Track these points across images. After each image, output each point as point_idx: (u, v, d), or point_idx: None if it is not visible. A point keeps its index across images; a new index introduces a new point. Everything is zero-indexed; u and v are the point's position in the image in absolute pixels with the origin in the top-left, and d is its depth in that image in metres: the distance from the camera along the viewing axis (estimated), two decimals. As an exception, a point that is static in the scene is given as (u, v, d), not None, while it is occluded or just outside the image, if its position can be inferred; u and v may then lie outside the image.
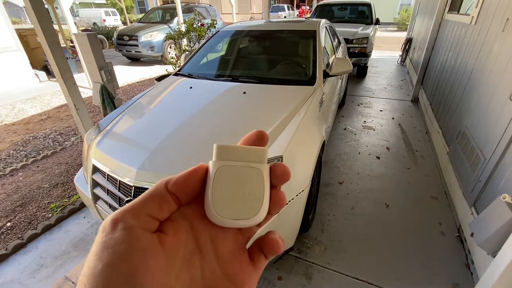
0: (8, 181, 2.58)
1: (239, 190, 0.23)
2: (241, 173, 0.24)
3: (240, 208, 0.23)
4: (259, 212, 0.23)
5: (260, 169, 0.24)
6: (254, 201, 0.23)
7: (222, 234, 0.24)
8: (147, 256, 0.19)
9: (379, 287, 1.53)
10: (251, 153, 0.24)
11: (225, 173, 0.23)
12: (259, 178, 0.24)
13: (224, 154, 0.24)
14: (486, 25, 2.14)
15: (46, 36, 1.96)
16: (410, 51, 6.52)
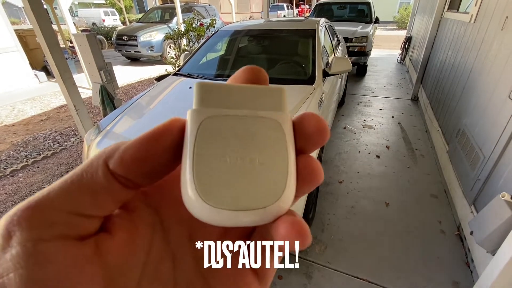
0: (9, 182, 2.58)
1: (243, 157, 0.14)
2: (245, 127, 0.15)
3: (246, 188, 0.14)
4: (283, 194, 0.14)
5: (278, 120, 0.15)
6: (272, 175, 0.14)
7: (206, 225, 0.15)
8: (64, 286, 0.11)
9: (379, 286, 1.54)
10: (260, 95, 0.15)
11: (217, 127, 0.14)
12: (278, 135, 0.15)
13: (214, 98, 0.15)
14: (485, 24, 2.14)
15: (45, 36, 1.96)
16: (409, 49, 6.52)
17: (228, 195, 0.13)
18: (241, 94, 0.15)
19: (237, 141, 0.14)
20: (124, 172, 0.13)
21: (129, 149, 0.13)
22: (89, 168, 0.13)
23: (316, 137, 0.15)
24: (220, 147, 0.14)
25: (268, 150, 0.14)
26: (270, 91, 0.16)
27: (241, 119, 0.15)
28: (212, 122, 0.14)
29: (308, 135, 0.15)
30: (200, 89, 0.15)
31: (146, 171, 0.14)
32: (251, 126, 0.15)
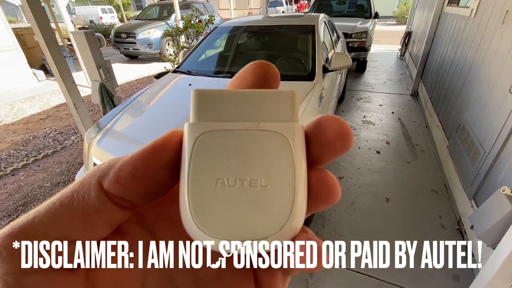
0: (10, 181, 2.58)
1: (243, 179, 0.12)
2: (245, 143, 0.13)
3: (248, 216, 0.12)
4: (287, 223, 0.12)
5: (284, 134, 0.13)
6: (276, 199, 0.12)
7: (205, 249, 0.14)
8: None
9: (379, 280, 1.55)
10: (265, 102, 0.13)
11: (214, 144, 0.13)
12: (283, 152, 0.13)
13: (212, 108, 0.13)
14: (485, 18, 2.13)
15: (44, 34, 1.95)
16: (409, 44, 6.49)
17: (226, 223, 0.12)
18: (244, 101, 0.13)
19: (237, 160, 0.12)
20: (120, 191, 0.12)
21: (125, 167, 0.12)
22: (81, 188, 0.12)
23: (338, 144, 0.13)
24: (218, 167, 0.12)
25: (272, 169, 0.12)
26: (278, 96, 0.14)
27: (241, 133, 0.13)
28: (209, 138, 0.13)
29: (328, 143, 0.13)
30: (197, 97, 0.13)
31: (144, 190, 0.12)
32: (253, 142, 0.13)
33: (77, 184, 0.12)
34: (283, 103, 0.14)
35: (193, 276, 0.15)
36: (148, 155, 0.12)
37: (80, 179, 0.12)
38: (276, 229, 0.12)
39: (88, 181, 0.12)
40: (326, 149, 0.13)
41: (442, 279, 1.55)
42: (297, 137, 0.13)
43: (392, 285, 1.52)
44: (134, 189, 0.12)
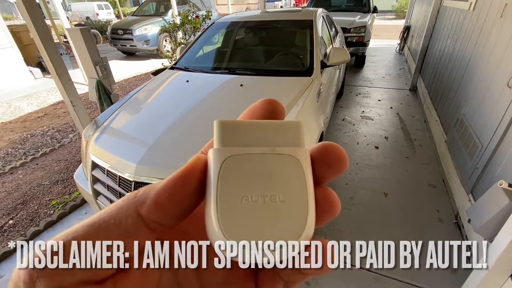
0: (8, 179, 2.58)
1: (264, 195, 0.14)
2: (264, 165, 0.15)
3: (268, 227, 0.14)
4: (305, 229, 0.14)
5: (296, 156, 0.15)
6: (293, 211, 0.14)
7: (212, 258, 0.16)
8: None
9: (377, 274, 1.57)
10: (278, 131, 0.16)
11: (238, 166, 0.15)
12: (296, 171, 0.15)
13: (233, 136, 0.15)
14: (484, 11, 2.12)
15: (39, 32, 1.93)
16: (408, 39, 6.46)
17: (251, 234, 0.14)
18: (259, 130, 0.16)
19: (258, 179, 0.15)
20: (158, 216, 0.13)
21: (162, 194, 0.13)
22: (118, 214, 0.13)
23: (337, 165, 0.15)
24: (242, 186, 0.14)
25: (288, 187, 0.15)
26: (287, 126, 0.16)
27: (260, 157, 0.15)
28: (233, 161, 0.15)
29: (330, 164, 0.15)
30: (220, 127, 0.15)
31: (178, 212, 0.14)
32: (271, 163, 0.15)
33: (114, 209, 0.14)
34: (292, 131, 0.16)
35: (201, 283, 0.16)
36: (181, 181, 0.14)
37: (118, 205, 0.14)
38: (295, 237, 0.14)
39: (126, 208, 0.13)
40: (329, 169, 0.16)
41: (439, 273, 1.56)
42: (306, 159, 0.15)
43: (389, 278, 1.54)
44: (171, 213, 0.14)
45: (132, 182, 1.30)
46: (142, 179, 1.29)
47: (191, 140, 1.47)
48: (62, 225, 2.03)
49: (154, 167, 1.32)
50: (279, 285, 0.16)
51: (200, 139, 1.47)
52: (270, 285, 0.16)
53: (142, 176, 1.30)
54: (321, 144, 0.16)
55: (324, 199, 0.15)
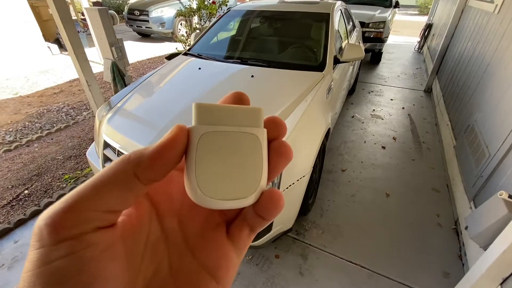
0: (25, 151, 2.71)
1: (230, 163, 0.19)
2: (231, 140, 0.19)
3: (232, 185, 0.19)
4: (257, 189, 0.19)
5: (257, 135, 0.20)
6: (251, 175, 0.19)
7: (191, 212, 0.21)
8: (104, 264, 0.15)
9: (371, 271, 1.61)
10: (243, 114, 0.20)
11: (212, 141, 0.19)
12: (255, 146, 0.20)
13: (208, 116, 0.19)
14: (509, 15, 2.04)
15: (59, 11, 1.97)
16: (429, 37, 6.24)
17: (220, 189, 0.19)
18: (229, 113, 0.20)
19: (227, 151, 0.19)
20: (151, 174, 0.17)
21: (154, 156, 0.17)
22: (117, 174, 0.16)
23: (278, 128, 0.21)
24: (214, 156, 0.19)
25: (248, 157, 0.19)
26: (251, 110, 0.20)
27: (229, 134, 0.19)
28: (208, 137, 0.19)
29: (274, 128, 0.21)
30: (198, 109, 0.19)
31: (166, 171, 0.18)
32: (237, 139, 0.19)
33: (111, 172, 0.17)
34: (254, 115, 0.20)
35: (183, 234, 0.21)
36: (169, 147, 0.17)
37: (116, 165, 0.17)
38: (250, 193, 0.19)
39: (122, 169, 0.17)
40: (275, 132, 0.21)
41: (432, 275, 1.60)
42: (263, 137, 0.20)
43: (382, 276, 1.58)
44: (160, 171, 0.17)
45: (141, 164, 1.36)
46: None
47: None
48: (73, 198, 2.13)
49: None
50: (246, 229, 0.21)
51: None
52: (239, 230, 0.21)
53: (150, 159, 1.35)
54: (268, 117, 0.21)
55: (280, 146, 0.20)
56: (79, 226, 0.15)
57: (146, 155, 0.17)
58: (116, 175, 0.16)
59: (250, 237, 0.21)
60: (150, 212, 0.20)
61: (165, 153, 0.17)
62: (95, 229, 0.16)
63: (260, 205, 0.20)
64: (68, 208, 0.15)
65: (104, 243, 0.16)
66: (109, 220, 0.17)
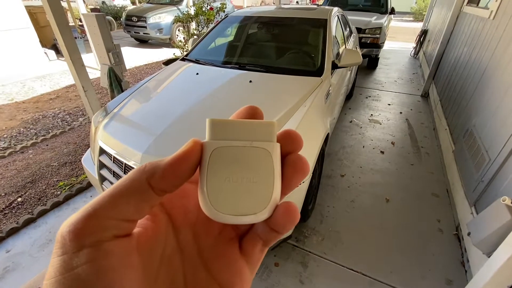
0: (19, 158, 2.66)
1: (242, 177, 0.19)
2: (242, 155, 0.19)
3: (243, 200, 0.19)
4: (268, 204, 0.19)
5: (268, 149, 0.19)
6: (262, 190, 0.19)
7: (206, 226, 0.21)
8: (121, 272, 0.16)
9: (372, 279, 1.58)
10: (255, 129, 0.20)
11: (223, 156, 0.19)
12: (267, 161, 0.19)
13: (220, 131, 0.19)
14: (504, 21, 2.06)
15: (55, 16, 1.95)
16: (424, 43, 6.32)
17: (232, 204, 0.19)
18: (242, 128, 0.20)
19: (238, 166, 0.19)
20: (165, 185, 0.17)
21: (168, 169, 0.17)
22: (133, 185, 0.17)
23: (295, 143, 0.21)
24: (226, 170, 0.19)
25: (259, 171, 0.19)
26: (263, 125, 0.20)
27: (241, 149, 0.19)
28: (219, 152, 0.19)
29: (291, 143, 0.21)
30: (211, 125, 0.20)
31: (179, 183, 0.18)
32: (248, 154, 0.19)
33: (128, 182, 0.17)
34: (267, 129, 0.20)
35: (197, 247, 0.21)
36: (183, 159, 0.18)
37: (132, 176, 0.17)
38: (261, 209, 0.19)
39: (138, 180, 0.17)
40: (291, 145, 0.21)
41: (434, 282, 1.57)
42: (276, 151, 0.20)
43: (384, 284, 1.55)
44: (174, 183, 0.18)
45: (137, 171, 1.33)
46: (147, 168, 1.32)
47: (197, 133, 1.49)
48: (68, 206, 2.09)
49: (159, 157, 1.33)
50: (258, 244, 0.21)
51: (206, 133, 1.50)
52: (252, 245, 0.21)
53: (147, 166, 1.32)
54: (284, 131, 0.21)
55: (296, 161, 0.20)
56: (99, 233, 0.16)
57: (161, 166, 0.17)
58: (131, 184, 0.17)
59: (263, 252, 0.21)
60: (166, 225, 0.21)
61: (178, 165, 0.18)
62: (113, 237, 0.16)
63: (274, 219, 0.19)
64: (88, 215, 0.16)
65: (121, 252, 0.16)
66: (126, 229, 0.17)
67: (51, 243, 1.79)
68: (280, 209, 0.19)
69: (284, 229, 0.19)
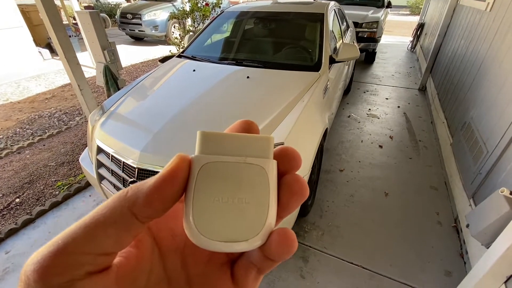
0: (16, 159, 2.64)
1: (233, 198, 0.17)
2: (234, 172, 0.17)
3: (234, 224, 0.16)
4: (262, 229, 0.17)
5: (263, 167, 0.17)
6: (256, 213, 0.17)
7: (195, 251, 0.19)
8: None
9: (372, 272, 1.59)
10: (250, 143, 0.18)
11: (213, 172, 0.17)
12: (262, 180, 0.17)
13: (212, 145, 0.17)
14: (501, 12, 2.05)
15: (49, 14, 1.93)
16: (421, 37, 6.31)
17: (220, 229, 0.16)
18: (235, 142, 0.18)
19: (229, 184, 0.17)
20: (150, 212, 0.15)
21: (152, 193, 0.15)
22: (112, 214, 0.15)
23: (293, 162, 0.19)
24: (215, 189, 0.17)
25: (253, 192, 0.17)
26: (259, 139, 0.18)
27: (233, 165, 0.17)
28: (209, 167, 0.17)
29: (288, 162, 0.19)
30: (201, 137, 0.18)
31: (166, 207, 0.16)
32: (241, 171, 0.17)
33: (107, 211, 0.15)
34: (263, 144, 0.18)
35: (186, 274, 0.19)
36: (168, 181, 0.16)
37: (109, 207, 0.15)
38: (254, 235, 0.16)
39: (119, 208, 0.15)
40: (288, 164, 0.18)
41: (434, 274, 1.58)
42: (272, 169, 0.18)
43: (384, 277, 1.56)
44: (159, 208, 0.16)
45: (136, 169, 1.33)
46: (146, 166, 1.31)
47: (195, 130, 1.47)
48: (66, 206, 2.08)
49: (157, 155, 1.34)
50: (252, 271, 0.18)
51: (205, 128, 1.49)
52: (245, 272, 0.19)
53: (145, 163, 1.32)
54: (279, 148, 0.19)
55: (293, 182, 0.18)
56: (69, 272, 0.14)
57: (144, 191, 0.15)
58: (111, 214, 0.15)
59: (258, 280, 0.19)
60: (152, 251, 0.18)
61: (164, 188, 0.16)
62: (87, 275, 0.14)
63: (269, 247, 0.17)
64: (57, 251, 0.14)
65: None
66: (102, 263, 0.15)
67: (50, 243, 1.78)
68: (275, 236, 0.17)
69: (280, 258, 0.17)
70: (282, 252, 0.16)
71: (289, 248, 0.16)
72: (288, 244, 0.16)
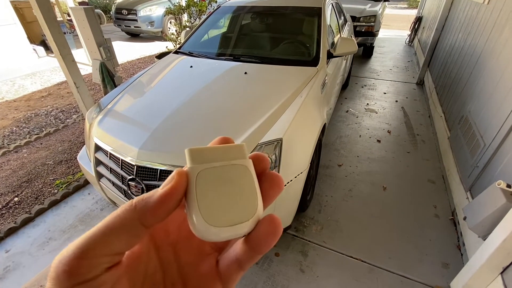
0: (13, 158, 2.62)
1: (229, 192, 0.21)
2: (225, 172, 0.21)
3: (235, 211, 0.20)
4: (257, 208, 0.21)
5: (245, 165, 0.22)
6: (248, 199, 0.21)
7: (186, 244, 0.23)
8: None
9: (371, 265, 1.61)
10: (229, 151, 0.22)
11: (207, 176, 0.21)
12: (246, 174, 0.22)
13: (199, 157, 0.21)
14: (499, 5, 2.05)
15: (42, 11, 1.90)
16: (419, 30, 6.29)
17: (225, 217, 0.20)
18: (218, 152, 0.22)
19: (222, 182, 0.21)
20: (155, 220, 0.19)
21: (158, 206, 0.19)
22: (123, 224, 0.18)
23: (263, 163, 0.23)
24: (213, 189, 0.20)
25: (243, 185, 0.21)
26: (236, 147, 0.23)
27: (221, 168, 0.21)
28: (204, 174, 0.21)
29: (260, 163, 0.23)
30: (190, 153, 0.21)
31: (168, 215, 0.19)
32: (229, 171, 0.21)
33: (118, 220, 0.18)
34: (239, 150, 0.23)
35: (177, 264, 0.23)
36: (173, 194, 0.19)
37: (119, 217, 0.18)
38: (252, 215, 0.21)
39: (129, 219, 0.18)
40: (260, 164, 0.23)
41: (431, 266, 1.60)
42: (251, 166, 0.23)
43: (383, 270, 1.58)
44: (164, 216, 0.19)
45: (135, 166, 1.33)
46: (144, 164, 1.31)
47: (193, 126, 1.48)
48: (66, 204, 2.08)
49: (156, 152, 1.34)
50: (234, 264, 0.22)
51: (203, 125, 1.48)
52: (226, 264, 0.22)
53: (144, 161, 1.32)
54: (253, 154, 0.24)
55: (272, 176, 0.23)
56: (92, 271, 0.17)
57: (151, 205, 0.19)
58: (123, 223, 0.18)
59: (238, 273, 0.22)
60: (148, 245, 0.22)
61: (168, 201, 0.19)
62: (105, 270, 0.18)
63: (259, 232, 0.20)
64: (81, 254, 0.17)
65: (113, 280, 0.18)
66: (117, 259, 0.19)
67: (50, 242, 1.79)
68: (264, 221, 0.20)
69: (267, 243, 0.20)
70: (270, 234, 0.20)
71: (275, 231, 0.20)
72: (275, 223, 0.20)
